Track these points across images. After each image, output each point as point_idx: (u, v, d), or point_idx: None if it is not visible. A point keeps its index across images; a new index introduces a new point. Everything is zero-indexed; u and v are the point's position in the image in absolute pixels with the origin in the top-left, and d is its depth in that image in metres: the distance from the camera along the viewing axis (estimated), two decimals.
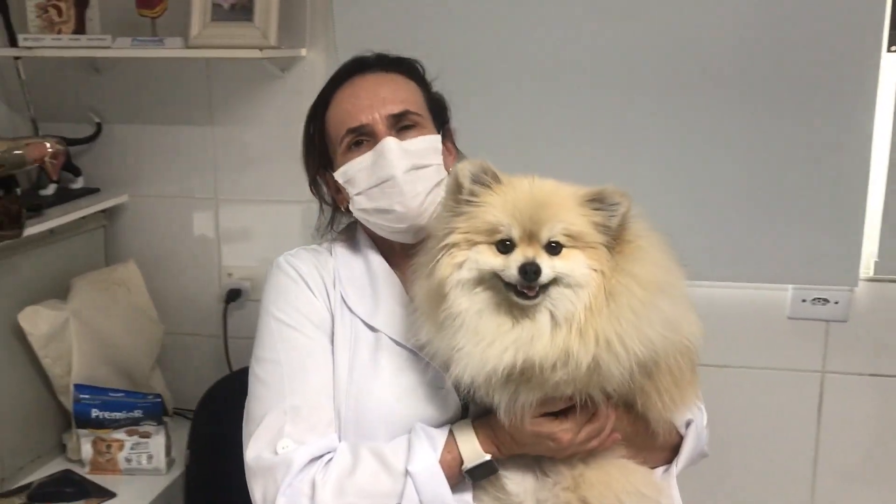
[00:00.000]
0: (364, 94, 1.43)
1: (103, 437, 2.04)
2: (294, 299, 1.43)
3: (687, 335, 1.29)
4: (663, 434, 1.38)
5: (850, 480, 2.15)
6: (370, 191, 1.40)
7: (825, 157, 1.98)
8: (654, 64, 2.00)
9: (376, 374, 1.38)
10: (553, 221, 1.19)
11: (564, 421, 1.28)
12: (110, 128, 2.31)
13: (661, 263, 1.24)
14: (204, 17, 2.05)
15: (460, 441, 1.31)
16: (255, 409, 1.39)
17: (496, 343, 1.20)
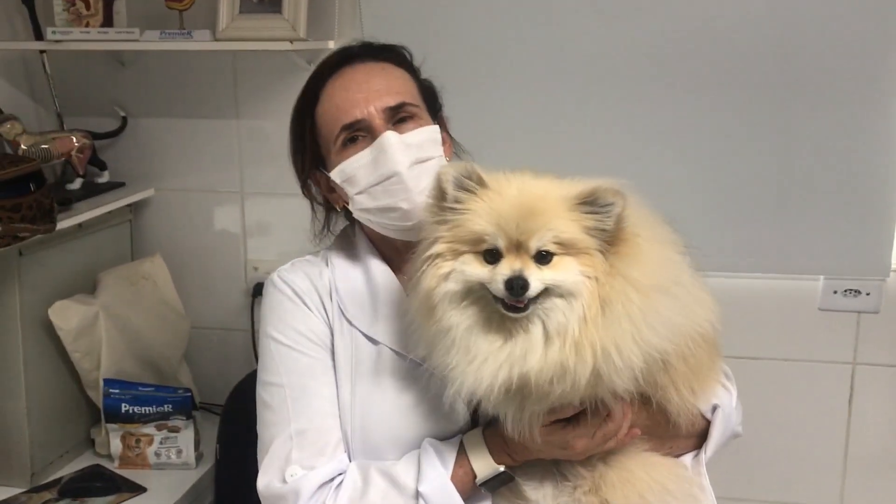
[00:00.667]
0: (356, 87, 1.35)
1: (132, 432, 2.03)
2: (291, 318, 1.38)
3: (700, 321, 1.22)
4: (686, 424, 1.31)
5: (881, 471, 2.15)
6: (372, 189, 1.33)
7: (855, 149, 1.97)
8: (686, 58, 1.99)
9: (380, 389, 1.33)
10: (542, 230, 1.12)
11: (577, 427, 1.22)
12: (136, 122, 2.30)
13: (659, 260, 1.17)
14: (232, 10, 2.04)
15: (471, 455, 1.27)
16: (263, 435, 1.35)
17: (489, 360, 1.14)
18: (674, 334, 1.15)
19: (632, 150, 2.03)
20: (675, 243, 1.21)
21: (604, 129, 2.04)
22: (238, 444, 2.04)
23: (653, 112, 2.02)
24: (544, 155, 1.72)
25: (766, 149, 2.00)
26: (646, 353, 1.12)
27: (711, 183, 2.02)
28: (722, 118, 2.00)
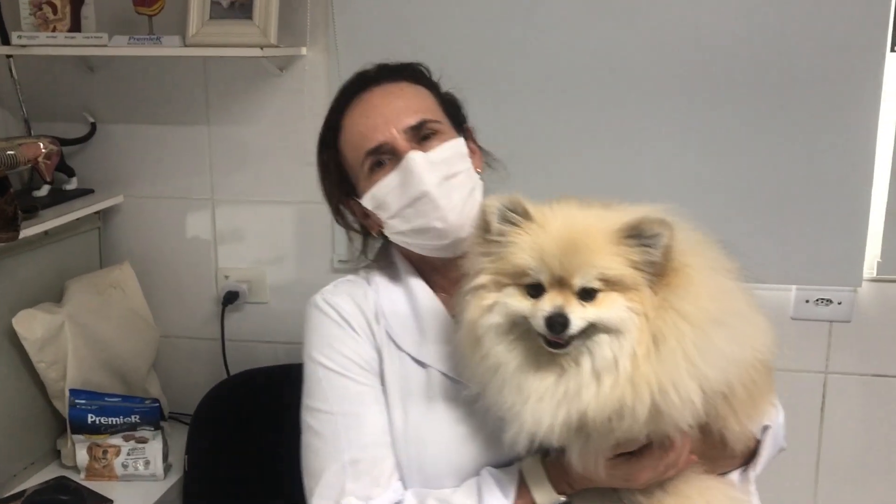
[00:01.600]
0: (375, 112, 1.34)
1: (99, 443, 2.00)
2: (339, 344, 1.35)
3: (758, 348, 1.19)
4: (741, 444, 1.31)
5: (853, 481, 2.15)
6: (404, 211, 1.32)
7: (829, 158, 1.98)
8: (656, 66, 1.99)
9: (433, 416, 1.31)
10: (585, 267, 1.10)
11: (641, 459, 1.20)
12: (105, 127, 2.27)
13: (713, 290, 1.13)
14: (202, 15, 2.02)
15: (532, 485, 1.25)
16: (312, 463, 1.32)
17: (545, 399, 1.12)
18: (732, 366, 1.13)
19: (601, 158, 2.02)
20: (728, 269, 1.19)
21: (575, 138, 2.04)
22: (207, 455, 2.03)
23: (620, 120, 2.02)
24: (526, 160, 1.71)
25: (739, 159, 2.00)
26: (704, 388, 1.10)
27: (683, 192, 2.02)
28: (693, 128, 2.00)
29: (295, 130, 2.18)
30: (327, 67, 2.13)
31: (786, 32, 1.94)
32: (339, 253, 2.22)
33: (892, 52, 1.92)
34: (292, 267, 2.27)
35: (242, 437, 2.05)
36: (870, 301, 2.06)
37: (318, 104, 2.15)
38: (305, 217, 2.24)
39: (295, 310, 2.23)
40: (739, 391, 1.18)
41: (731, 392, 1.16)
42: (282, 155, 2.21)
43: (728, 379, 1.13)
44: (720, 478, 1.34)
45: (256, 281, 2.28)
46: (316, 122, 2.13)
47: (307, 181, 2.18)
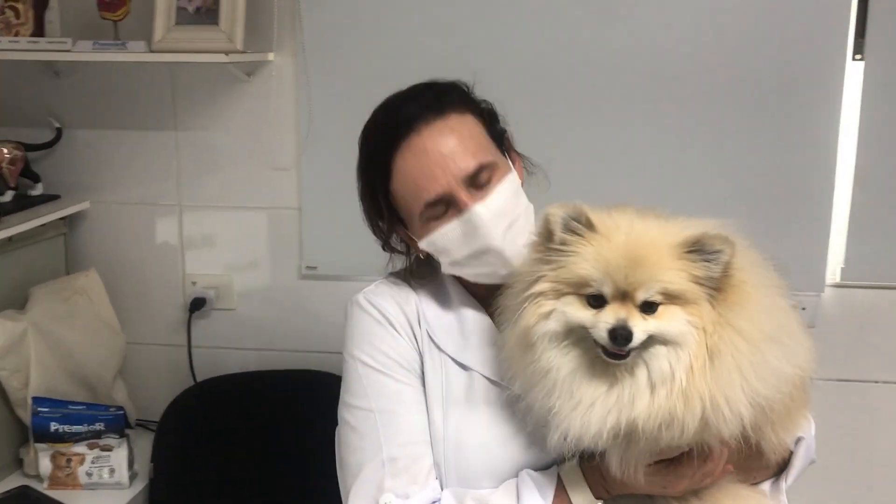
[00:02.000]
0: (429, 160, 1.27)
1: (63, 451, 1.98)
2: (380, 342, 1.35)
3: (803, 366, 1.20)
4: (775, 455, 1.32)
5: (817, 485, 2.16)
6: (467, 261, 1.31)
7: (792, 166, 2.00)
8: (622, 74, 2.00)
9: (474, 418, 1.31)
10: (650, 282, 1.10)
11: (679, 467, 1.21)
12: (71, 132, 2.25)
13: (770, 308, 1.15)
14: (168, 21, 2.02)
15: (570, 488, 1.25)
16: (350, 460, 1.32)
17: (597, 406, 1.13)
18: (781, 382, 1.15)
19: (570, 158, 2.03)
20: (779, 287, 1.21)
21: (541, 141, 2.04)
22: (173, 462, 2.02)
23: (584, 127, 2.04)
24: None
25: (702, 166, 2.02)
26: (754, 404, 1.12)
27: (648, 196, 2.02)
28: (657, 135, 2.02)
29: (263, 136, 2.18)
30: (295, 73, 2.12)
31: (750, 41, 1.96)
32: (307, 259, 2.21)
33: (853, 60, 1.95)
34: (260, 273, 2.27)
35: (209, 444, 2.05)
36: (833, 306, 2.08)
37: (286, 109, 2.16)
38: (273, 223, 2.23)
39: (263, 316, 2.28)
40: (778, 406, 1.19)
41: (771, 406, 1.17)
42: (249, 161, 2.20)
43: (775, 396, 1.14)
44: (753, 487, 1.35)
45: (224, 287, 2.27)
46: (284, 128, 2.17)
47: (275, 187, 2.21)
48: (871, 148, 1.98)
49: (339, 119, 2.10)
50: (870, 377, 2.10)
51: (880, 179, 1.99)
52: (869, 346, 2.09)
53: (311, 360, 2.17)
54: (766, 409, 1.15)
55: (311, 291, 2.23)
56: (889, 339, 2.08)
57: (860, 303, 2.07)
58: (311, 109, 2.12)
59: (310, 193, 2.17)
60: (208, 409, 2.08)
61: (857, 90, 1.96)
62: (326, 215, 2.17)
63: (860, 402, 2.12)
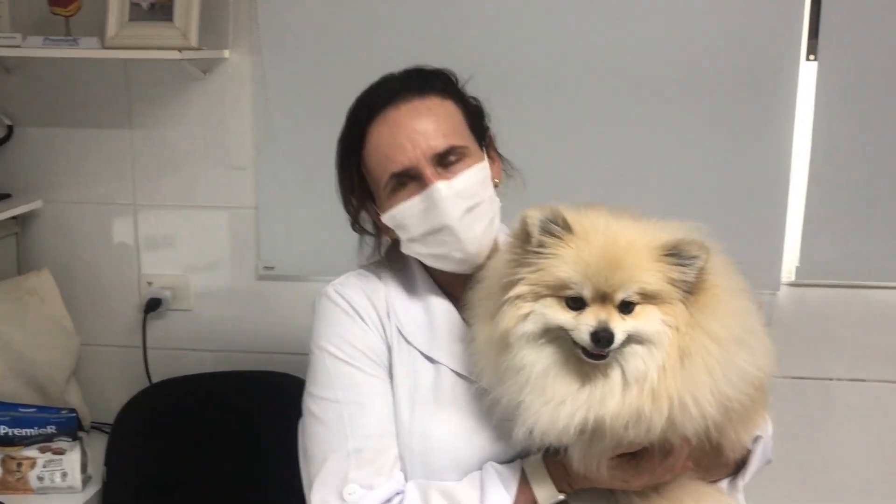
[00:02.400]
0: (402, 133, 1.31)
1: (13, 455, 1.95)
2: (348, 333, 1.36)
3: (765, 368, 1.24)
4: (734, 453, 1.35)
5: (774, 481, 2.19)
6: (424, 238, 1.33)
7: (747, 165, 2.02)
8: (578, 74, 2.01)
9: (440, 409, 1.33)
10: (629, 283, 1.13)
11: (641, 462, 1.24)
12: (22, 130, 2.21)
13: (737, 311, 1.19)
14: (121, 17, 1.99)
15: (534, 482, 1.27)
16: (315, 451, 1.33)
17: (567, 403, 1.15)
18: (745, 384, 1.18)
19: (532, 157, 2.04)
20: (746, 290, 1.24)
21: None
22: (127, 465, 1.99)
23: (547, 124, 2.04)
24: None
25: (658, 165, 2.03)
26: (720, 404, 1.15)
27: (607, 193, 2.03)
28: (612, 135, 2.03)
29: (219, 134, 2.16)
30: (251, 70, 2.10)
31: (705, 42, 1.97)
32: (265, 259, 2.19)
33: (807, 60, 1.97)
34: (217, 274, 2.24)
35: (164, 447, 2.02)
36: (788, 305, 2.10)
37: (243, 107, 2.13)
38: (230, 223, 2.21)
39: (220, 317, 2.25)
40: (737, 406, 1.21)
41: (733, 406, 1.20)
42: (206, 159, 2.18)
43: (740, 397, 1.18)
44: (711, 484, 1.38)
45: (180, 288, 2.24)
46: (241, 126, 2.14)
47: (232, 186, 2.19)
48: (825, 148, 2.00)
49: (297, 117, 2.08)
50: (825, 374, 2.13)
51: (834, 179, 2.01)
52: (823, 344, 2.12)
53: (268, 360, 2.15)
54: (729, 409, 1.18)
55: (269, 292, 2.22)
56: (843, 337, 2.11)
57: (815, 301, 2.10)
58: (267, 107, 2.10)
59: (267, 193, 2.15)
60: (164, 411, 2.05)
61: (811, 90, 1.98)
62: (284, 215, 2.15)
63: (816, 398, 2.14)
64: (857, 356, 2.11)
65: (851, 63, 1.96)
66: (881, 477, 2.16)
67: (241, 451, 2.00)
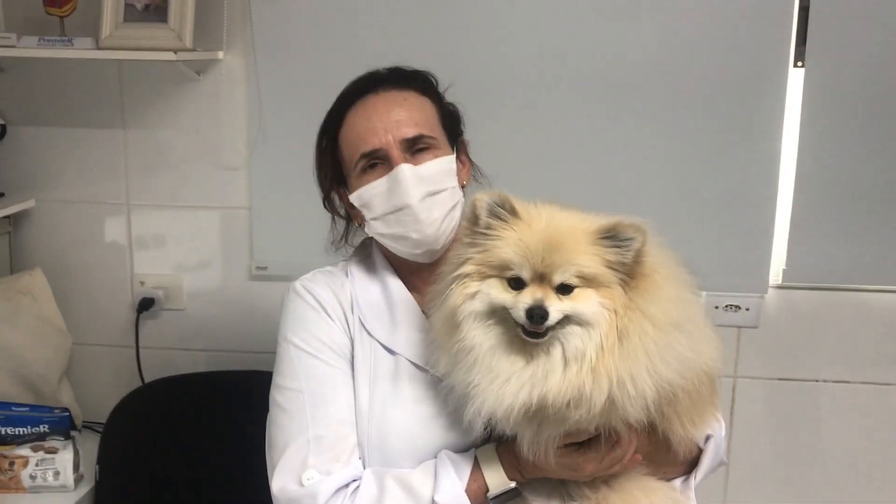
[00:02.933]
0: (377, 116, 1.39)
1: (5, 454, 1.94)
2: (313, 326, 1.42)
3: (706, 359, 1.28)
4: (684, 452, 1.39)
5: (762, 482, 2.22)
6: (386, 217, 1.39)
7: (736, 169, 2.04)
8: (568, 79, 2.03)
9: (398, 399, 1.38)
10: (565, 265, 1.18)
11: (588, 451, 1.28)
12: (16, 129, 2.21)
13: (677, 298, 1.23)
14: (116, 18, 1.99)
15: (485, 469, 1.31)
16: (277, 438, 1.37)
17: (512, 381, 1.20)
18: (685, 369, 1.21)
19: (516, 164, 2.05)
20: (689, 284, 1.28)
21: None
22: (119, 464, 1.99)
23: (527, 126, 2.06)
24: None
25: (649, 169, 2.05)
26: (658, 385, 1.18)
27: (597, 198, 2.05)
28: (605, 139, 2.05)
29: (213, 135, 2.17)
30: (245, 72, 2.11)
31: (694, 48, 1.99)
32: (258, 260, 2.20)
33: (795, 66, 2.00)
34: (210, 273, 2.25)
35: (156, 446, 2.02)
36: (776, 307, 2.13)
37: (237, 108, 2.14)
38: (223, 223, 2.22)
39: (212, 317, 2.26)
40: (683, 396, 1.26)
41: (677, 395, 1.24)
42: (199, 160, 2.19)
43: (678, 381, 1.21)
44: (662, 480, 1.41)
45: (173, 287, 2.25)
46: (235, 127, 2.15)
47: (225, 187, 2.19)
48: (812, 152, 2.03)
49: (290, 118, 2.09)
50: (811, 376, 2.16)
51: (820, 183, 2.04)
52: (810, 346, 2.14)
53: (261, 360, 2.14)
54: (671, 395, 1.22)
55: (262, 292, 2.23)
56: (829, 339, 2.14)
57: (802, 304, 2.12)
58: (261, 108, 2.11)
59: (260, 193, 2.16)
60: (156, 410, 2.06)
61: (798, 96, 2.01)
62: (277, 215, 2.16)
63: (802, 400, 2.17)
64: (843, 358, 2.14)
65: (839, 70, 1.98)
66: (867, 477, 2.18)
67: (234, 450, 2.00)
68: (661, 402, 1.22)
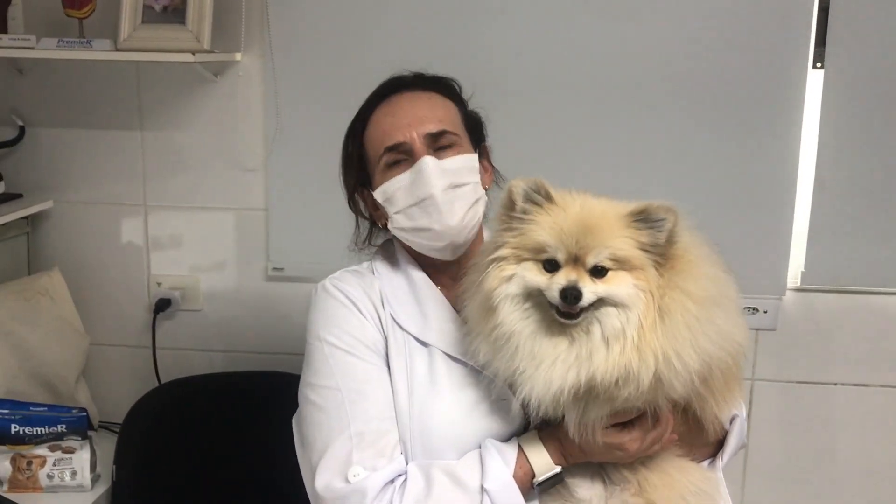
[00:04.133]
0: (402, 113, 1.42)
1: (23, 454, 1.95)
2: (346, 323, 1.41)
3: (739, 339, 1.30)
4: (713, 431, 1.41)
5: (779, 485, 2.21)
6: (409, 210, 1.41)
7: (755, 171, 2.03)
8: (585, 82, 2.03)
9: (436, 391, 1.37)
10: (599, 248, 1.20)
11: (632, 430, 1.30)
12: (34, 131, 2.23)
13: (713, 276, 1.25)
14: (134, 19, 2.00)
15: (531, 455, 1.32)
16: (316, 437, 1.36)
17: (558, 363, 1.21)
18: (725, 342, 1.24)
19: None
20: (721, 264, 1.31)
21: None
22: (136, 464, 1.99)
23: (546, 125, 2.06)
24: None
25: (667, 172, 2.04)
26: (702, 359, 1.20)
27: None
28: (623, 142, 2.04)
29: (230, 136, 2.17)
30: (262, 73, 2.12)
31: (715, 50, 1.99)
32: (274, 261, 2.21)
33: (814, 68, 1.99)
34: (226, 274, 2.25)
35: (173, 447, 2.02)
36: (794, 310, 2.11)
37: (254, 109, 2.15)
38: (240, 224, 2.22)
39: (229, 317, 2.26)
40: (718, 375, 1.29)
41: (711, 374, 1.27)
42: (216, 161, 2.19)
43: (720, 354, 1.23)
44: (695, 462, 1.43)
45: (189, 288, 2.26)
46: (252, 128, 2.16)
47: (242, 188, 2.20)
48: (831, 154, 2.02)
49: (307, 120, 2.10)
50: (829, 379, 2.14)
51: (839, 185, 2.03)
52: (828, 349, 2.13)
53: (277, 361, 2.16)
54: (708, 372, 1.24)
55: (278, 293, 2.23)
56: (848, 342, 2.12)
57: (820, 306, 2.11)
58: (278, 110, 2.11)
59: (277, 194, 2.17)
60: (173, 411, 2.06)
61: (818, 98, 1.99)
62: (294, 217, 2.16)
63: (820, 403, 2.16)
64: (861, 361, 2.12)
65: (858, 71, 1.97)
66: (885, 481, 2.17)
67: (250, 451, 2.01)
68: (700, 378, 1.23)
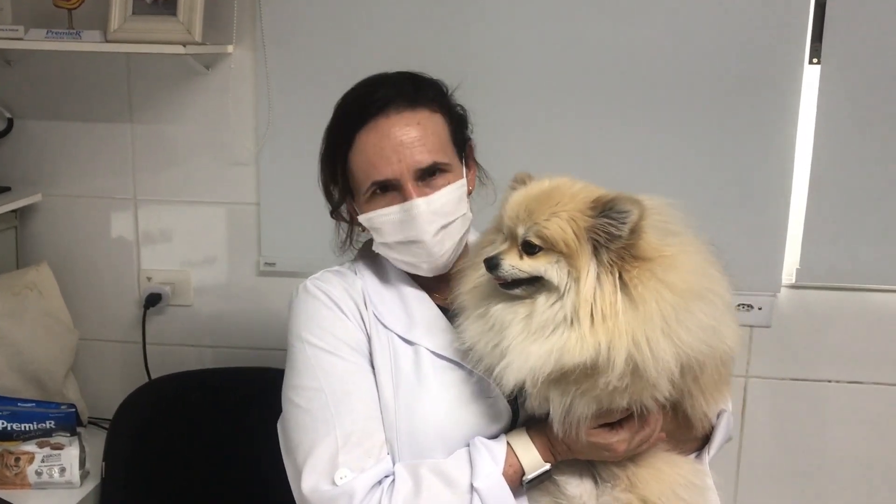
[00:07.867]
0: (389, 144, 1.34)
1: (11, 450, 1.93)
2: (328, 324, 1.40)
3: (729, 338, 1.28)
4: (701, 428, 1.41)
5: (772, 479, 2.20)
6: (397, 246, 1.39)
7: (750, 167, 2.02)
8: (579, 76, 2.01)
9: (422, 389, 1.36)
10: (528, 224, 1.21)
11: (620, 431, 1.29)
12: (23, 123, 2.20)
13: (700, 271, 1.23)
14: (125, 10, 1.98)
15: (520, 452, 1.32)
16: (301, 440, 1.34)
17: (534, 347, 1.21)
18: (709, 337, 1.21)
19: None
20: (714, 263, 1.29)
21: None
22: (125, 461, 1.98)
23: (541, 123, 2.04)
24: None
25: (660, 167, 2.03)
26: (679, 350, 1.17)
27: None
28: (617, 136, 2.03)
29: (221, 130, 2.15)
30: (254, 66, 2.10)
31: (710, 46, 1.97)
32: (266, 256, 2.19)
33: (810, 64, 1.97)
34: (217, 269, 2.24)
35: (163, 443, 2.01)
36: (789, 307, 2.11)
37: (246, 103, 2.13)
38: (231, 219, 2.21)
39: (220, 313, 2.25)
40: (708, 372, 1.28)
41: (702, 371, 1.25)
42: (207, 155, 2.17)
43: (703, 349, 1.20)
44: (682, 456, 1.43)
45: (180, 283, 2.24)
46: (243, 122, 2.14)
47: (233, 182, 2.18)
48: (827, 151, 2.01)
49: (299, 114, 2.08)
50: (823, 377, 2.14)
51: (835, 182, 2.02)
52: (823, 346, 2.12)
53: (268, 357, 2.15)
54: (697, 369, 1.23)
55: (270, 288, 2.21)
56: (842, 340, 2.12)
57: (815, 304, 2.10)
58: (270, 103, 2.10)
59: (268, 189, 2.15)
60: (163, 407, 2.04)
61: (814, 94, 1.98)
62: (285, 211, 2.15)
63: (814, 400, 2.15)
64: (855, 359, 2.12)
65: (854, 67, 1.96)
66: (879, 479, 2.17)
67: (240, 447, 1.99)
68: (687, 375, 1.22)
